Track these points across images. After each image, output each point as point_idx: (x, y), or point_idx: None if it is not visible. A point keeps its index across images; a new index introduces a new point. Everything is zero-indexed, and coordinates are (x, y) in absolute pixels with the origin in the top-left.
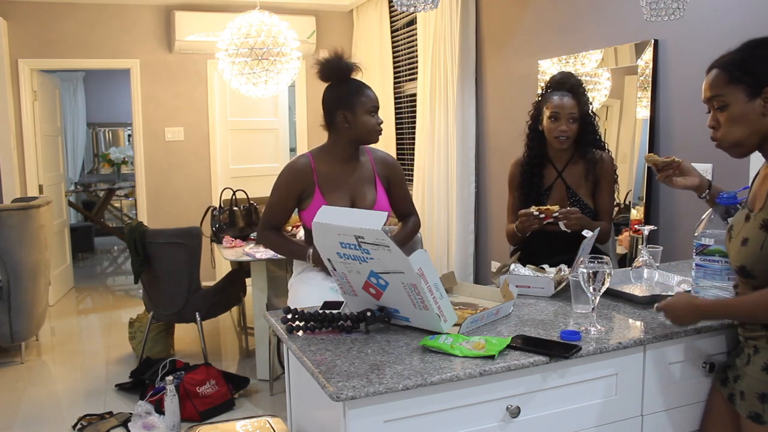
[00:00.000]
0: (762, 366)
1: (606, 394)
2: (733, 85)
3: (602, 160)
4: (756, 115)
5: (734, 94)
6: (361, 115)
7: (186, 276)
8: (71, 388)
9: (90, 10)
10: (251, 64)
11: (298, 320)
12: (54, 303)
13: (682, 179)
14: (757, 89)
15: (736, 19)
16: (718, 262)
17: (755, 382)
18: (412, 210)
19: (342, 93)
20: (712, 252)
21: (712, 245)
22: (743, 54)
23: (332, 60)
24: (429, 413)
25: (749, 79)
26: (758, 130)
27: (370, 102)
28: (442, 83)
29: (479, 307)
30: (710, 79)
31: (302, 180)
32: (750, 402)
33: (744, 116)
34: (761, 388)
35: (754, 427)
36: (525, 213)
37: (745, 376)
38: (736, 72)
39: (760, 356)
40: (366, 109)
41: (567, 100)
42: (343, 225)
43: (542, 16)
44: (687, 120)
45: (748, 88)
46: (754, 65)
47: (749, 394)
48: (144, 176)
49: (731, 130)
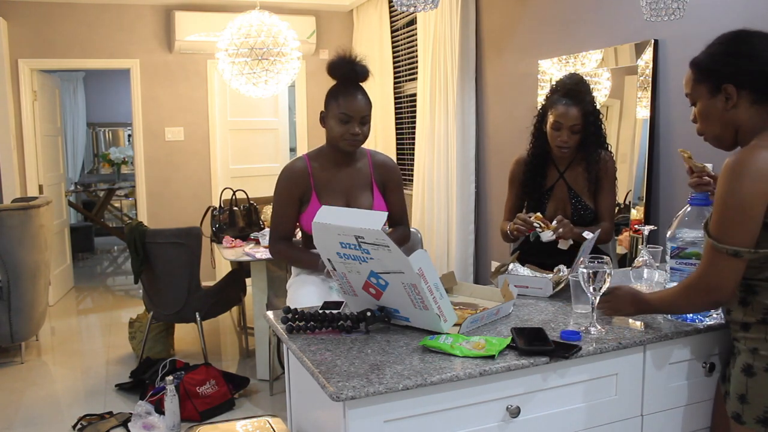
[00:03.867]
0: (741, 367)
1: (606, 394)
2: (698, 83)
3: (604, 159)
4: (718, 111)
5: (699, 92)
6: (331, 120)
7: (186, 276)
8: (71, 388)
9: (90, 10)
10: (251, 64)
11: (298, 320)
12: (54, 303)
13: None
14: (717, 87)
15: (736, 19)
16: (694, 264)
17: (736, 382)
18: (403, 219)
19: (328, 94)
20: (689, 255)
21: (688, 249)
22: (709, 51)
23: (344, 60)
24: (429, 413)
25: (710, 76)
26: (726, 124)
27: (341, 108)
28: (442, 83)
29: (479, 307)
30: (685, 77)
31: (300, 184)
32: (733, 402)
33: (709, 112)
34: (740, 389)
35: (737, 427)
36: (524, 220)
37: (731, 376)
38: (700, 71)
39: (741, 357)
40: (335, 114)
41: (572, 110)
42: (343, 225)
43: (542, 16)
44: (687, 120)
45: (709, 85)
46: (715, 63)
47: (732, 394)
48: (144, 176)
49: (703, 125)
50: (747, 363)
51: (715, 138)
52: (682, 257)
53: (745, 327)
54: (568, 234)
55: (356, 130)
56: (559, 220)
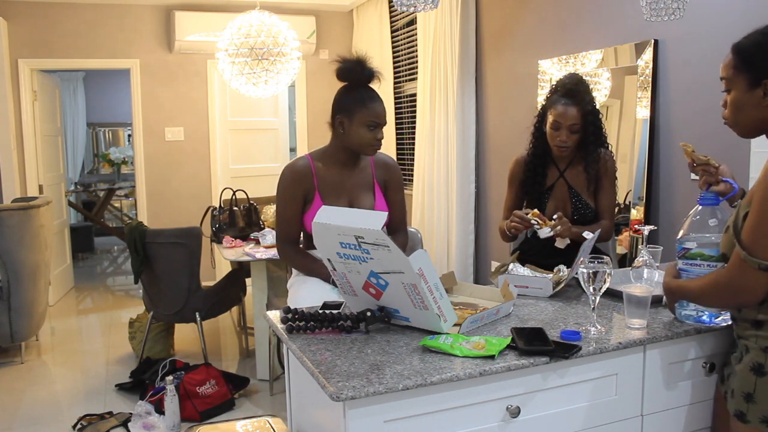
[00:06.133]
0: (750, 365)
1: (606, 394)
2: (737, 71)
3: (604, 158)
4: (754, 105)
5: (737, 81)
6: (358, 126)
7: (186, 276)
8: (71, 388)
9: (90, 10)
10: (251, 64)
11: (298, 320)
12: (54, 303)
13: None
14: (757, 80)
15: (736, 19)
16: (700, 265)
17: (743, 381)
18: (402, 224)
19: (349, 98)
20: (694, 256)
21: (693, 249)
22: (755, 40)
23: (354, 62)
24: (429, 413)
25: (752, 68)
26: (758, 118)
27: (371, 116)
28: (442, 83)
29: (479, 307)
30: (725, 61)
31: (303, 183)
32: (737, 400)
33: (742, 105)
34: (747, 387)
35: (739, 425)
36: (521, 217)
37: (736, 374)
38: (742, 60)
39: (749, 356)
40: (364, 121)
41: (570, 110)
42: (343, 225)
43: (542, 16)
44: (687, 120)
45: (749, 77)
46: (757, 55)
47: (737, 392)
48: (144, 176)
49: (733, 115)
50: (758, 362)
51: (739, 126)
52: (688, 258)
53: (757, 325)
54: (566, 232)
55: (381, 135)
56: (558, 217)
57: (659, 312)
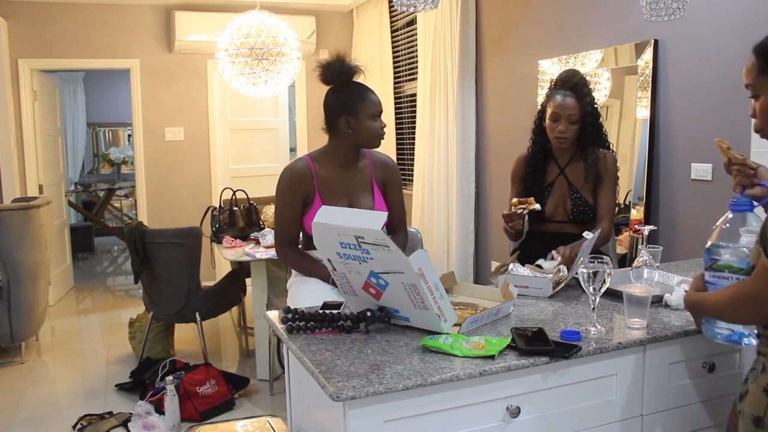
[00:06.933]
0: (764, 386)
1: (606, 394)
2: (763, 74)
3: (605, 158)
4: None
5: (765, 85)
6: (365, 120)
7: (186, 276)
8: (71, 388)
9: (90, 10)
10: (251, 64)
11: (298, 320)
12: (54, 303)
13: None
14: None
15: (736, 19)
16: (728, 278)
17: (754, 402)
18: (401, 224)
19: (345, 98)
20: (721, 267)
21: (721, 260)
22: None
23: (334, 63)
24: (429, 413)
25: None
26: None
27: (374, 107)
28: (442, 83)
29: (479, 307)
30: (747, 66)
31: (304, 184)
32: (746, 423)
33: None
34: (758, 410)
35: None
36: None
37: (749, 394)
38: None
39: (765, 375)
40: (369, 114)
41: (569, 100)
42: (343, 225)
43: (542, 16)
44: (687, 120)
45: None
46: None
47: (746, 414)
48: (144, 176)
49: (765, 121)
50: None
51: None
52: (715, 269)
53: None
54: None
55: (384, 123)
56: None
57: (659, 312)
